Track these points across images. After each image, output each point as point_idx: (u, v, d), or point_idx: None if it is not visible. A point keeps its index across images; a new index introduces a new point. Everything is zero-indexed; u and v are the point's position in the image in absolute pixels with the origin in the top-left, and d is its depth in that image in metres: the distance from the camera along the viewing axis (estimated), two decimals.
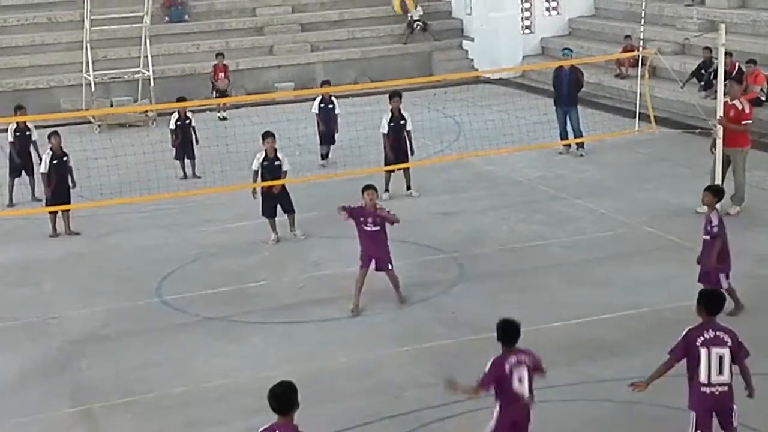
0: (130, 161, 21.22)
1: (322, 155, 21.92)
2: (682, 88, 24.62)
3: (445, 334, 13.03)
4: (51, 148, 18.08)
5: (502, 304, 14.03)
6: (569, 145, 22.13)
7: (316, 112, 22.00)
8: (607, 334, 12.92)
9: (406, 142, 19.37)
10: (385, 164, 19.34)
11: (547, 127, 22.74)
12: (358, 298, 13.96)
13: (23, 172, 20.30)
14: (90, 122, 26.81)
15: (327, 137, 21.91)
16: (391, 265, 14.12)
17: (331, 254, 16.34)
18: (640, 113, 22.64)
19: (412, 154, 19.53)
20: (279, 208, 17.11)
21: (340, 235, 17.08)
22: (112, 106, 28.17)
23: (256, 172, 17.08)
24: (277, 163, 16.96)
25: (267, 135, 17.16)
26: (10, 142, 20.33)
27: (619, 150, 21.99)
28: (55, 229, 17.88)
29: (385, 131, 19.32)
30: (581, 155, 21.95)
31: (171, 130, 21.74)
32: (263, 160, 16.98)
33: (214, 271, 16.05)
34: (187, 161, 21.66)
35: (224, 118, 27.17)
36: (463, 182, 20.32)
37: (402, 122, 19.33)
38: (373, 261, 14.06)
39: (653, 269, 14.93)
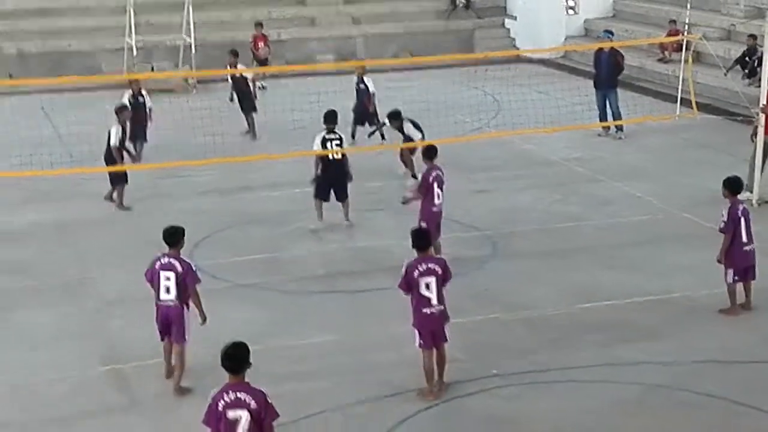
0: (170, 127, 21.32)
1: (352, 134, 21.69)
2: (725, 74, 24.36)
3: (475, 310, 13.03)
4: (120, 122, 17.63)
5: (534, 283, 14.05)
6: (608, 128, 22.00)
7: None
8: (638, 317, 12.88)
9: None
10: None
11: (586, 108, 22.61)
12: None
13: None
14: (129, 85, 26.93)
15: (359, 117, 21.78)
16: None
17: (364, 227, 16.38)
18: (681, 98, 22.46)
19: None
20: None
21: (373, 209, 17.14)
22: (153, 71, 28.29)
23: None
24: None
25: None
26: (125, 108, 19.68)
27: (659, 134, 21.84)
28: (122, 202, 17.60)
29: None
30: (620, 138, 21.83)
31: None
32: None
33: (248, 238, 16.14)
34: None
35: (264, 87, 27.22)
36: (500, 161, 20.27)
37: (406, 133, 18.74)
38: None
39: (688, 255, 14.84)
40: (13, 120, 22.86)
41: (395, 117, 18.77)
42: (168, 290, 11.02)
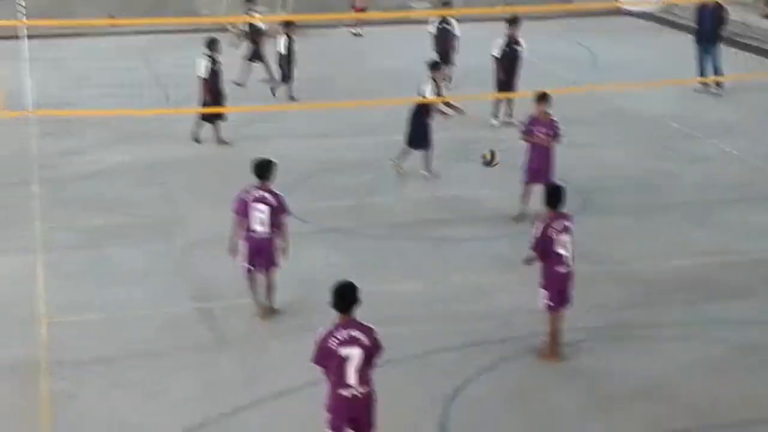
0: (264, 70, 21.42)
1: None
2: None
3: None
4: (209, 55, 17.84)
5: (624, 238, 13.88)
6: (707, 84, 21.51)
7: (434, 32, 21.78)
8: (728, 277, 12.65)
9: (517, 68, 18.97)
10: (498, 90, 19.04)
11: (685, 64, 22.11)
12: (525, 206, 14.21)
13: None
14: (227, 30, 27.14)
15: (443, 59, 21.61)
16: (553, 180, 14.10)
17: (452, 176, 16.33)
18: None
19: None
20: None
21: (461, 158, 17.07)
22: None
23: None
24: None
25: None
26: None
27: (759, 93, 21.27)
28: (197, 133, 18.05)
29: (499, 56, 19.01)
30: (719, 95, 21.32)
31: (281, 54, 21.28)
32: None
33: (337, 183, 16.21)
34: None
35: (360, 35, 27.16)
36: (594, 115, 19.96)
37: (517, 48, 18.96)
38: (540, 172, 14.18)
39: None
40: (111, 60, 23.24)
41: (515, 22, 18.85)
42: (262, 222, 11.36)
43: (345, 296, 8.28)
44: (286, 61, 20.84)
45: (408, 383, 10.26)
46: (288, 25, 21.02)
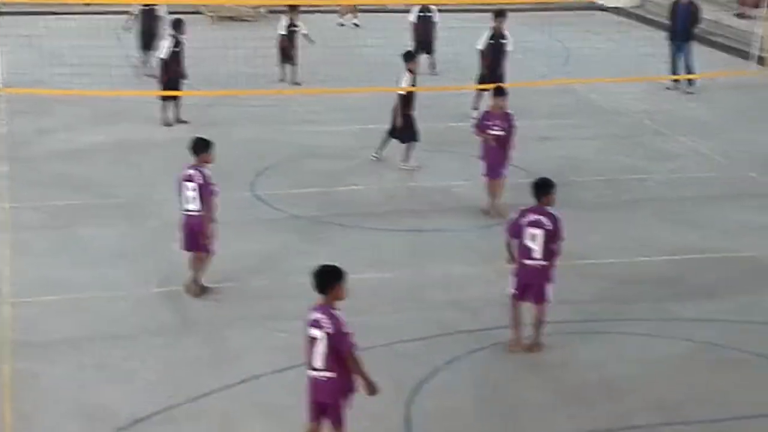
0: (239, 54, 21.37)
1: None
2: None
3: None
4: (173, 35, 18.07)
5: (591, 233, 13.95)
6: (678, 81, 21.64)
7: (414, 21, 21.82)
8: (695, 274, 12.76)
9: (502, 62, 19.06)
10: (479, 82, 19.12)
11: (658, 60, 22.23)
12: (491, 204, 14.36)
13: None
14: (201, 13, 27.00)
15: (424, 45, 21.64)
16: (505, 172, 14.34)
17: (427, 167, 16.35)
18: (758, 56, 21.99)
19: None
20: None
21: (437, 150, 17.10)
22: None
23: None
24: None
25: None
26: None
27: (730, 91, 21.44)
28: (166, 118, 18.12)
29: (483, 49, 19.07)
30: (690, 92, 21.46)
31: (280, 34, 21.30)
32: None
33: (309, 171, 16.20)
34: (288, 67, 21.26)
35: (344, 25, 27.06)
36: (565, 108, 20.05)
37: (503, 41, 19.03)
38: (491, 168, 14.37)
39: (752, 215, 14.66)
40: (83, 39, 23.06)
41: (502, 15, 18.95)
42: (188, 200, 11.58)
43: (318, 278, 8.31)
44: (283, 44, 20.72)
45: (375, 372, 10.20)
46: (291, 9, 20.99)
